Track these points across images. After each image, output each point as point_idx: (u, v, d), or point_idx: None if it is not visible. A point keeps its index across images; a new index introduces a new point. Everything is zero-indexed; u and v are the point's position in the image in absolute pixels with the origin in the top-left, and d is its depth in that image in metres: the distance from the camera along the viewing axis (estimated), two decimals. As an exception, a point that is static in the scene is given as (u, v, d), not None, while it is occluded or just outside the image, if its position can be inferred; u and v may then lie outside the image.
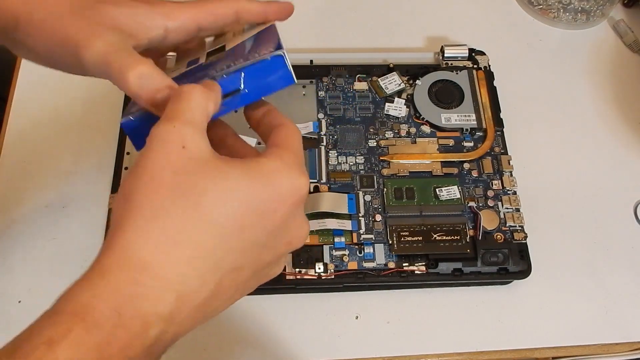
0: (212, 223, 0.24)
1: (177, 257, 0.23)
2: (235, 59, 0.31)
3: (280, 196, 0.26)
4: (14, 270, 0.47)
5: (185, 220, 0.24)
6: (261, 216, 0.26)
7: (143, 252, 0.23)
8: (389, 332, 0.46)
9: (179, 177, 0.24)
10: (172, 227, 0.23)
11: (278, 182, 0.26)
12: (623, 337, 0.47)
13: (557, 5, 0.63)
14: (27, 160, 0.52)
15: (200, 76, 0.31)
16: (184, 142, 0.25)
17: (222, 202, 0.24)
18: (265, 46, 0.31)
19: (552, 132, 0.57)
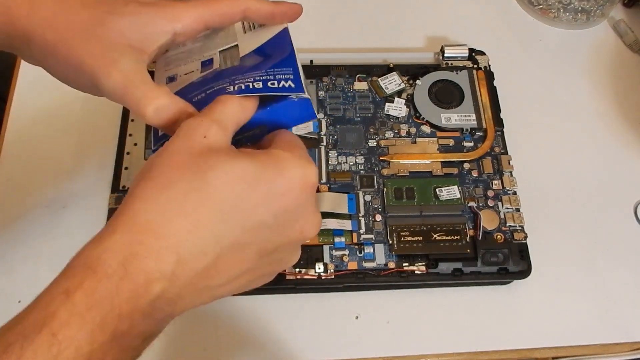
0: (216, 199, 0.26)
1: (179, 224, 0.25)
2: (252, 73, 0.32)
3: (289, 181, 0.28)
4: (14, 270, 0.47)
5: (190, 193, 0.26)
6: (268, 198, 0.27)
7: (149, 216, 0.25)
8: (389, 332, 0.46)
9: (193, 158, 0.26)
10: (178, 199, 0.26)
11: (287, 169, 0.28)
12: (623, 337, 0.47)
13: (557, 5, 0.63)
14: (27, 160, 0.52)
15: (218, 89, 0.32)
16: (206, 133, 0.27)
17: (228, 180, 0.26)
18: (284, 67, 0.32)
19: (552, 132, 0.57)
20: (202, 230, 0.26)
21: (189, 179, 0.26)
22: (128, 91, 0.29)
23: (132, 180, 0.27)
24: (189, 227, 0.25)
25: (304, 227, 0.29)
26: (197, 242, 0.26)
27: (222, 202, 0.26)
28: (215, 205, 0.26)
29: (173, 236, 0.25)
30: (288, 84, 0.32)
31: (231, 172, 0.26)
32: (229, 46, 0.36)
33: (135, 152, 0.49)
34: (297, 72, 0.33)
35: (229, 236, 0.26)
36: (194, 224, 0.25)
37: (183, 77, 0.35)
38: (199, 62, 0.36)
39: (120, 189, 0.48)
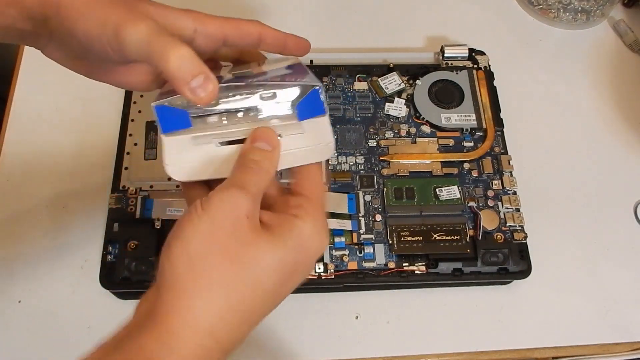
0: (263, 291, 0.29)
1: (232, 321, 0.28)
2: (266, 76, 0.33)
3: (311, 256, 0.31)
4: (14, 270, 0.47)
5: (245, 292, 0.28)
6: (292, 274, 0.30)
7: (211, 319, 0.27)
8: (389, 332, 0.46)
9: (243, 247, 0.28)
10: (235, 298, 0.28)
11: (311, 247, 0.31)
12: (623, 337, 0.47)
13: (557, 5, 0.63)
14: (27, 160, 0.52)
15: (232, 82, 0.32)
16: (248, 213, 0.29)
17: (273, 273, 0.29)
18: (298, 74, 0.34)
19: (552, 132, 0.57)
20: (246, 325, 0.29)
21: (243, 277, 0.28)
22: (153, 38, 0.29)
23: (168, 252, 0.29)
24: (238, 321, 0.28)
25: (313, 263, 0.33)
26: (241, 329, 0.29)
27: (265, 293, 0.29)
28: (260, 298, 0.29)
29: (226, 334, 0.28)
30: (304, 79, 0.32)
31: (273, 264, 0.29)
32: (242, 71, 0.36)
33: (135, 152, 0.49)
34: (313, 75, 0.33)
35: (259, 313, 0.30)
36: (243, 320, 0.29)
37: None
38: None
39: (120, 189, 0.48)
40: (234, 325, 0.28)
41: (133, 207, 0.47)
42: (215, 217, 0.28)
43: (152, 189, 0.48)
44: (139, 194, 0.47)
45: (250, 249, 0.28)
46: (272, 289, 0.29)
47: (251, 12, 0.62)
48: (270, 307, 0.30)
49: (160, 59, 0.28)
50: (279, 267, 0.29)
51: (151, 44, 0.29)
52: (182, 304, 0.27)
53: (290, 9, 0.63)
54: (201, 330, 0.27)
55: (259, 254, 0.29)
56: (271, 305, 0.30)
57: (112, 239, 0.46)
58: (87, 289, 0.46)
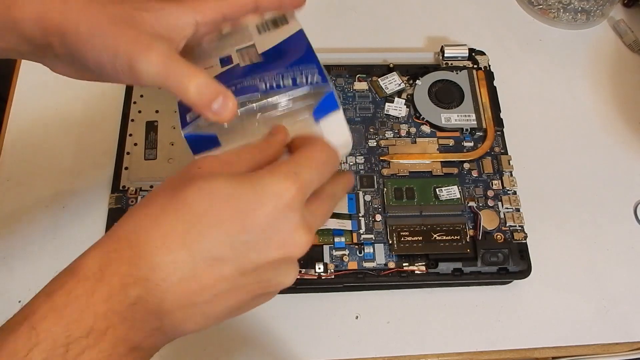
0: (191, 213, 0.27)
1: (152, 235, 0.27)
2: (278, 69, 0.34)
3: (261, 198, 0.28)
4: (14, 270, 0.47)
5: (165, 209, 0.27)
6: (239, 215, 0.27)
7: (126, 229, 0.27)
8: (389, 332, 0.46)
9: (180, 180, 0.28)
10: (154, 214, 0.28)
11: (260, 185, 0.28)
12: (623, 337, 0.47)
13: (557, 5, 0.63)
14: (27, 160, 0.52)
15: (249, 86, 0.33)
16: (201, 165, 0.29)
17: (200, 196, 0.27)
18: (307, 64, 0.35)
19: (552, 132, 0.57)
20: (172, 241, 0.27)
21: (167, 197, 0.28)
22: (169, 70, 0.30)
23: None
24: (160, 238, 0.27)
25: (285, 244, 0.28)
26: (167, 251, 0.27)
27: (192, 216, 0.27)
28: (185, 218, 0.27)
29: (145, 245, 0.27)
30: (315, 79, 0.34)
31: (204, 189, 0.28)
32: (245, 45, 0.37)
33: (135, 152, 0.49)
34: (320, 67, 0.34)
35: (201, 249, 0.27)
36: (165, 235, 0.27)
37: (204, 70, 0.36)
38: (217, 59, 0.37)
39: (120, 189, 0.48)
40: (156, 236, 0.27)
41: (133, 207, 0.47)
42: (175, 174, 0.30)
43: (152, 189, 0.48)
44: (139, 194, 0.47)
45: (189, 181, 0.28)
46: (202, 214, 0.27)
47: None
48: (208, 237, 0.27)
49: (179, 90, 0.30)
50: (209, 193, 0.27)
51: (167, 77, 0.30)
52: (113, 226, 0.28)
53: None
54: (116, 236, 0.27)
55: (195, 182, 0.28)
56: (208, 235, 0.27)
57: (112, 239, 0.46)
58: (87, 289, 0.46)
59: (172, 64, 0.30)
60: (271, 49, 0.36)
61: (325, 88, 0.34)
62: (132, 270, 0.26)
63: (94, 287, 0.25)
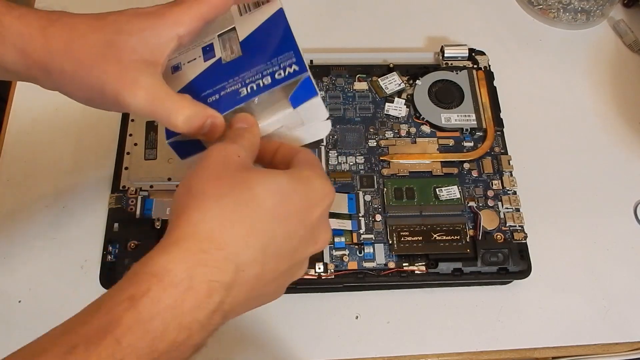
0: (263, 209, 0.28)
1: (235, 233, 0.27)
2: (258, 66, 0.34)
3: (317, 196, 0.30)
4: (14, 270, 0.47)
5: (241, 204, 0.27)
6: (302, 211, 0.29)
7: (208, 227, 0.26)
8: (389, 332, 0.46)
9: (235, 173, 0.29)
10: (231, 209, 0.27)
11: (314, 185, 0.30)
12: (623, 337, 0.47)
13: (557, 5, 0.63)
14: (27, 160, 0.52)
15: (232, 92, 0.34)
16: (239, 154, 0.30)
17: (271, 193, 0.28)
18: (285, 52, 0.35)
19: (552, 132, 0.57)
20: (253, 238, 0.27)
21: (238, 192, 0.28)
22: (156, 107, 0.31)
23: (174, 198, 0.29)
24: (242, 235, 0.27)
25: (318, 241, 0.31)
26: (250, 250, 0.27)
27: (267, 212, 0.28)
28: (264, 215, 0.28)
29: (232, 245, 0.26)
30: (292, 68, 0.34)
31: (271, 185, 0.28)
32: (226, 29, 0.37)
33: (135, 152, 0.49)
34: (297, 52, 0.34)
35: (272, 244, 0.28)
36: (247, 232, 0.27)
37: (187, 65, 0.36)
38: (199, 49, 0.37)
39: (120, 189, 0.48)
40: (237, 235, 0.27)
41: (133, 207, 0.47)
42: (209, 158, 0.29)
43: (152, 189, 0.48)
44: (139, 194, 0.47)
45: (244, 174, 0.29)
46: (272, 210, 0.28)
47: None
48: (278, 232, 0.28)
49: (168, 124, 0.32)
50: (277, 189, 0.29)
51: (155, 113, 0.31)
52: (181, 220, 0.27)
53: (291, 9, 0.63)
54: (199, 235, 0.26)
55: (252, 176, 0.29)
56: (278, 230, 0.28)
57: (112, 239, 0.46)
58: (87, 289, 0.46)
59: (158, 98, 0.31)
60: (250, 35, 0.36)
61: (302, 75, 0.34)
62: (220, 276, 0.26)
63: (184, 297, 0.25)
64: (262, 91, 0.33)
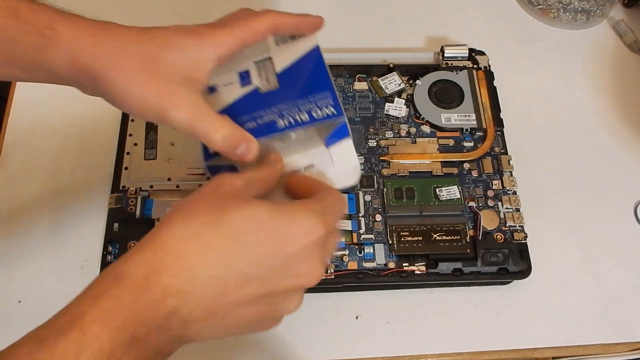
0: (230, 231, 0.29)
1: (194, 249, 0.28)
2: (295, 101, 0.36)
3: (297, 230, 0.30)
4: (14, 270, 0.47)
5: (208, 226, 0.29)
6: (274, 241, 0.30)
7: (171, 239, 0.28)
8: (389, 332, 0.46)
9: (217, 199, 0.30)
10: (197, 228, 0.29)
11: (297, 219, 0.30)
12: (623, 337, 0.47)
13: (557, 5, 0.63)
14: (27, 160, 0.52)
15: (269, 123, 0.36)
16: (233, 183, 0.31)
17: (244, 218, 0.29)
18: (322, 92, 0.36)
19: (552, 132, 0.57)
20: (212, 256, 0.28)
21: (209, 214, 0.29)
22: (196, 124, 0.33)
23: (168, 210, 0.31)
24: (202, 253, 0.28)
25: (300, 275, 0.31)
26: (207, 266, 0.28)
27: (233, 235, 0.29)
28: (227, 237, 0.29)
29: (188, 258, 0.28)
30: (330, 110, 0.36)
31: (246, 212, 0.29)
32: (262, 58, 0.39)
33: (135, 152, 0.49)
34: (334, 93, 0.36)
35: (236, 266, 0.29)
36: (207, 250, 0.28)
37: (223, 88, 0.38)
38: (236, 73, 0.39)
39: (120, 189, 0.48)
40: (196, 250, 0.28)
41: (133, 207, 0.47)
42: (207, 182, 0.31)
43: (152, 189, 0.48)
44: (139, 194, 0.47)
45: (230, 201, 0.30)
46: (240, 233, 0.29)
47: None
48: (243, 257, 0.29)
49: (206, 140, 0.34)
50: (251, 216, 0.29)
51: (195, 128, 0.33)
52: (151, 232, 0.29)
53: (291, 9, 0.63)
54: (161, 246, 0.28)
55: (233, 203, 0.30)
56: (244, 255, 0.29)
57: (112, 239, 0.46)
58: (87, 289, 0.46)
59: (199, 115, 0.33)
60: (287, 69, 0.38)
61: (339, 119, 0.36)
62: (175, 282, 0.27)
63: (140, 296, 0.27)
64: (298, 126, 0.35)
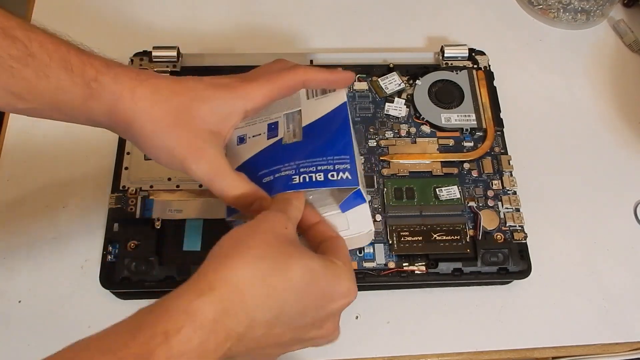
0: (291, 281, 0.30)
1: (259, 292, 0.29)
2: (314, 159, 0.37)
3: (341, 291, 0.32)
4: (14, 270, 0.47)
5: (275, 270, 0.30)
6: (322, 297, 0.32)
7: (241, 280, 0.29)
8: (389, 332, 0.46)
9: (280, 243, 0.31)
10: (265, 272, 0.29)
11: (342, 280, 0.33)
12: (623, 337, 0.47)
13: (557, 5, 0.63)
14: (27, 160, 0.52)
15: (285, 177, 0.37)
16: (287, 226, 0.33)
17: (303, 270, 0.31)
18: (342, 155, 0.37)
19: (552, 132, 0.57)
20: (272, 301, 0.29)
21: (277, 260, 0.30)
22: (214, 180, 0.35)
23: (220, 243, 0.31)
24: (264, 296, 0.29)
25: (318, 335, 0.33)
26: (265, 310, 0.29)
27: (292, 284, 0.30)
28: (287, 285, 0.30)
29: (253, 302, 0.29)
30: (346, 175, 0.36)
31: (307, 265, 0.31)
32: (293, 110, 0.40)
33: (135, 152, 0.49)
34: (353, 161, 0.37)
35: (286, 313, 0.30)
36: (269, 295, 0.29)
37: (251, 139, 0.40)
38: (265, 124, 0.41)
39: (120, 189, 0.48)
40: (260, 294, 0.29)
41: (133, 207, 0.47)
42: (263, 222, 0.32)
43: (152, 189, 0.48)
44: (139, 194, 0.47)
45: (288, 247, 0.31)
46: (297, 285, 0.30)
47: (252, 14, 0.62)
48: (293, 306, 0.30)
49: (221, 196, 0.35)
50: (310, 269, 0.31)
51: (212, 184, 0.35)
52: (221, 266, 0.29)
53: (291, 10, 0.63)
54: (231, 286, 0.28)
55: (293, 251, 0.31)
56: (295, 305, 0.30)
57: (112, 239, 0.46)
58: (87, 289, 0.46)
59: (218, 172, 0.35)
60: (313, 123, 0.39)
61: (353, 188, 0.36)
62: (237, 327, 0.28)
63: (207, 338, 0.27)
64: (313, 186, 0.36)
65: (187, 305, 0.27)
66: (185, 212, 0.47)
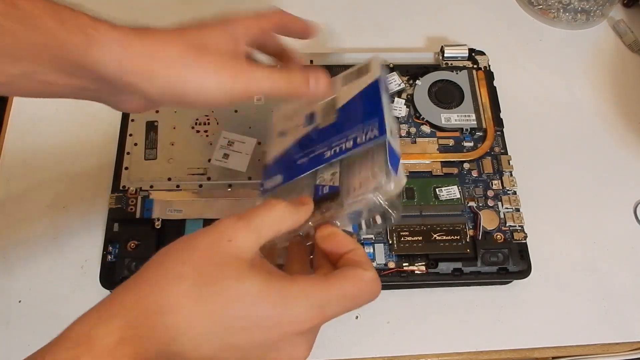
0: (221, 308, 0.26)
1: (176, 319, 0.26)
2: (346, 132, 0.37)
3: (281, 320, 0.27)
4: (14, 270, 0.47)
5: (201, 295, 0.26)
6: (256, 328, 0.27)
7: (148, 303, 0.26)
8: (389, 332, 0.46)
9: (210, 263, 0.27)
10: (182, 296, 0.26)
11: (285, 307, 0.27)
12: (623, 337, 0.47)
13: (557, 5, 0.63)
14: (27, 161, 0.52)
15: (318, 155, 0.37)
16: (233, 237, 0.28)
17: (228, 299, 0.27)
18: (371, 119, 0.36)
19: (552, 132, 0.57)
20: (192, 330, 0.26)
21: (197, 284, 0.27)
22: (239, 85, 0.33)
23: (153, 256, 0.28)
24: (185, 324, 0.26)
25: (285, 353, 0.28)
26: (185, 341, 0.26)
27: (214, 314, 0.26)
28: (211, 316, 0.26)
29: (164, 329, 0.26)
30: (374, 133, 0.35)
31: (234, 292, 0.27)
32: (329, 98, 0.40)
33: (135, 152, 0.49)
34: (382, 119, 0.35)
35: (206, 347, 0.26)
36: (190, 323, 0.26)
37: (291, 131, 0.41)
38: (304, 117, 0.41)
39: (120, 189, 0.48)
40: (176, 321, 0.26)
41: (133, 207, 0.47)
42: (198, 233, 0.29)
43: (152, 189, 0.48)
44: (139, 194, 0.47)
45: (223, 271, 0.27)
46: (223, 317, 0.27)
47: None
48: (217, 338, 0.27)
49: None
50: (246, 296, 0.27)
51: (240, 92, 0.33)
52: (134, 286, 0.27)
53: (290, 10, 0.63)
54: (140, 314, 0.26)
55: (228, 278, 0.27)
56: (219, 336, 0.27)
57: (112, 239, 0.46)
58: (87, 289, 0.46)
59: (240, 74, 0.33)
60: (346, 104, 0.39)
61: (382, 139, 0.34)
62: (144, 354, 0.25)
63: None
64: (342, 154, 0.35)
65: (88, 330, 0.25)
66: (185, 212, 0.47)
